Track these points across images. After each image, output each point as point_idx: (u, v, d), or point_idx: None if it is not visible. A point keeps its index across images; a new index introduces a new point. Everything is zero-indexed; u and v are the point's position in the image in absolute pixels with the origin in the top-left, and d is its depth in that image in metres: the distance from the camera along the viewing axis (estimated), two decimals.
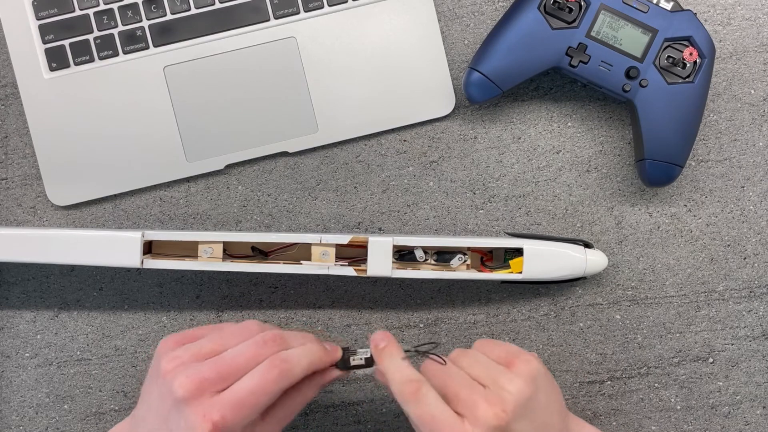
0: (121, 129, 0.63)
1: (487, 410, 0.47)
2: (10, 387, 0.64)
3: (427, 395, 0.47)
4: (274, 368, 0.47)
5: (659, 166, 0.60)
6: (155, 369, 0.50)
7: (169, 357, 0.49)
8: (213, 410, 0.46)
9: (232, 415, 0.46)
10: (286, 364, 0.48)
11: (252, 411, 0.47)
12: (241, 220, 0.64)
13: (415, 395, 0.47)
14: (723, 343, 0.63)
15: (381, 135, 0.64)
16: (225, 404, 0.46)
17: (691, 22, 0.59)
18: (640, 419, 0.63)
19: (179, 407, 0.47)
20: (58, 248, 0.58)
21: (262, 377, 0.47)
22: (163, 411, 0.48)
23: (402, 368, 0.49)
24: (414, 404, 0.47)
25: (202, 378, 0.47)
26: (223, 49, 0.63)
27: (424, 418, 0.47)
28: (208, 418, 0.46)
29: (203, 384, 0.47)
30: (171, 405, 0.47)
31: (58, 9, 0.63)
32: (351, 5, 0.63)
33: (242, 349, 0.49)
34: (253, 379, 0.47)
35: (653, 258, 0.63)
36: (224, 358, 0.48)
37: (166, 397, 0.47)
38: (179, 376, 0.47)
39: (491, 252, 0.60)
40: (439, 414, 0.47)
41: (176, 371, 0.48)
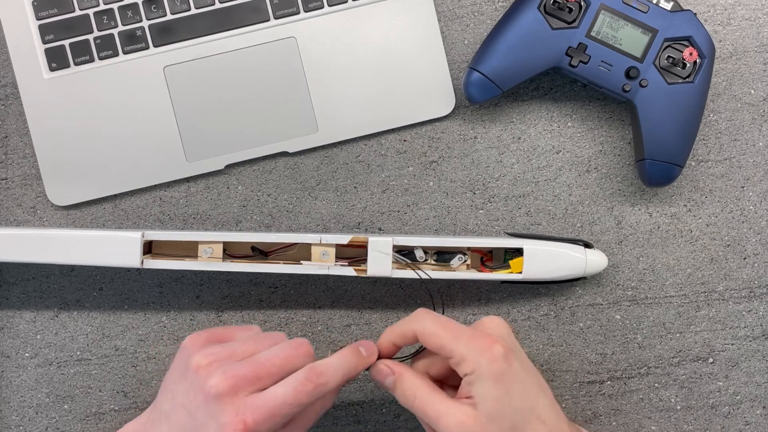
0: (121, 129, 0.63)
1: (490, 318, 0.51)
2: (10, 387, 0.64)
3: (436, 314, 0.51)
4: (309, 383, 0.47)
5: (659, 166, 0.60)
6: (183, 364, 0.50)
7: (204, 353, 0.49)
8: (246, 412, 0.46)
9: (264, 421, 0.46)
10: (322, 378, 0.48)
11: (282, 420, 0.47)
12: (241, 220, 0.64)
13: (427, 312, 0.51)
14: (723, 343, 0.63)
15: (381, 135, 0.64)
16: (258, 409, 0.46)
17: (691, 22, 0.59)
18: (640, 419, 0.63)
19: (210, 405, 0.47)
20: (58, 248, 0.58)
21: (296, 390, 0.47)
22: (192, 407, 0.48)
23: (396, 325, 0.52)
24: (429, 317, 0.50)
25: (238, 376, 0.47)
26: (223, 49, 0.63)
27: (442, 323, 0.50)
28: (240, 419, 0.46)
29: (239, 383, 0.47)
30: (202, 401, 0.47)
31: (58, 9, 0.63)
32: (351, 5, 0.63)
33: (277, 351, 0.49)
34: (288, 390, 0.47)
35: (653, 258, 0.63)
36: (260, 359, 0.48)
37: (198, 392, 0.48)
38: (215, 373, 0.47)
39: (491, 252, 0.60)
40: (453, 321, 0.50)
41: (211, 368, 0.48)
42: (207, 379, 0.47)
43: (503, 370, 0.47)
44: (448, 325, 0.49)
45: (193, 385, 0.48)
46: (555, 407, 0.50)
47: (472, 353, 0.47)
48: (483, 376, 0.47)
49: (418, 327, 0.49)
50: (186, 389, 0.49)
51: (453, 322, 0.49)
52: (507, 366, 0.47)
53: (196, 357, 0.49)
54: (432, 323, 0.49)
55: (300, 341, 0.50)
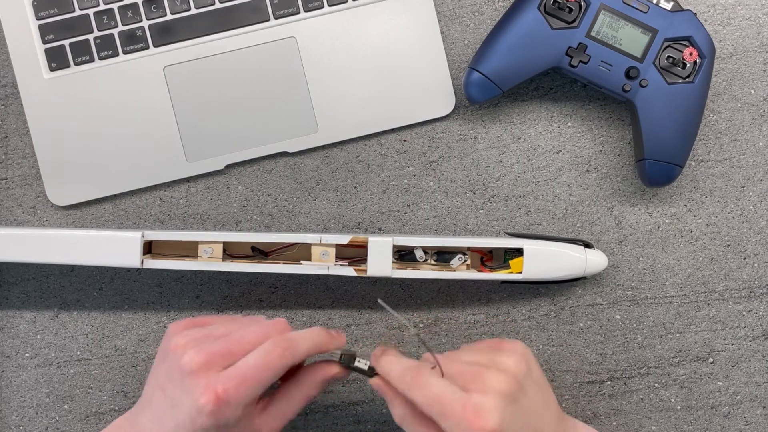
0: (121, 129, 0.63)
1: (496, 378, 0.48)
2: (10, 387, 0.64)
3: (430, 377, 0.48)
4: (277, 346, 0.49)
5: (659, 166, 0.60)
6: (164, 347, 0.51)
7: (181, 335, 0.50)
8: (217, 383, 0.47)
9: (235, 389, 0.47)
10: (289, 342, 0.49)
11: (255, 387, 0.48)
12: (241, 220, 0.64)
13: (418, 379, 0.48)
14: (723, 343, 0.63)
15: (381, 135, 0.64)
16: (229, 378, 0.47)
17: (691, 22, 0.59)
18: (640, 419, 0.63)
19: (185, 381, 0.48)
20: (58, 248, 0.58)
21: (266, 354, 0.48)
22: (168, 387, 0.49)
23: (401, 361, 0.50)
24: (418, 388, 0.48)
25: (210, 352, 0.48)
26: (223, 49, 0.63)
27: (430, 399, 0.47)
28: (212, 389, 0.47)
29: (212, 358, 0.48)
30: (177, 379, 0.48)
31: (58, 9, 0.63)
32: (351, 5, 0.63)
33: (252, 328, 0.50)
34: (258, 356, 0.48)
35: (653, 258, 0.63)
36: (233, 336, 0.50)
37: (174, 371, 0.48)
38: (189, 350, 0.48)
39: (491, 252, 0.60)
40: (444, 391, 0.47)
41: (187, 346, 0.49)
42: (182, 355, 0.48)
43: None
44: (437, 400, 0.47)
45: (171, 366, 0.49)
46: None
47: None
48: None
49: (407, 395, 0.49)
50: (165, 371, 0.50)
51: (444, 393, 0.47)
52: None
53: (174, 338, 0.50)
54: (421, 396, 0.48)
55: (277, 320, 0.51)
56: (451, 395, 0.47)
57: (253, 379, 0.48)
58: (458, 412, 0.46)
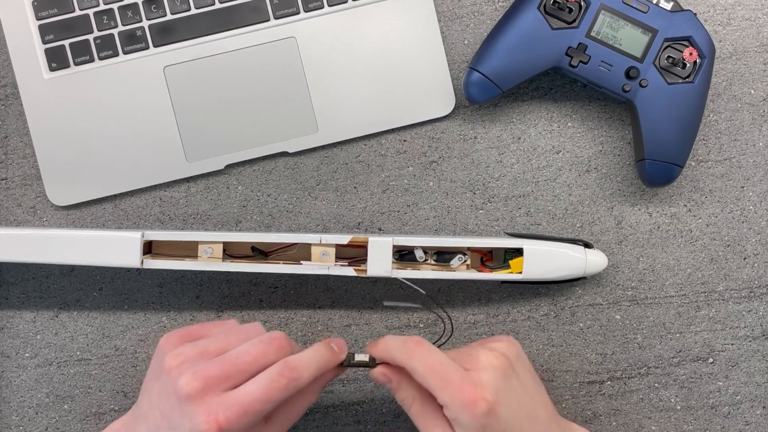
0: (121, 129, 0.63)
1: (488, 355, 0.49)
2: (10, 387, 0.64)
3: (432, 347, 0.49)
4: (282, 377, 0.47)
5: (659, 166, 0.60)
6: (158, 364, 0.50)
7: (174, 353, 0.49)
8: (219, 411, 0.46)
9: (237, 419, 0.46)
10: (295, 372, 0.48)
11: (256, 417, 0.47)
12: (241, 220, 0.64)
13: (420, 348, 0.49)
14: (723, 343, 0.63)
15: (381, 135, 0.64)
16: (231, 407, 0.46)
17: (691, 22, 0.59)
18: (640, 419, 0.63)
19: (183, 405, 0.47)
20: (58, 248, 0.58)
21: (269, 385, 0.47)
22: (165, 408, 0.48)
23: (401, 336, 0.51)
24: (419, 357, 0.49)
25: (207, 376, 0.47)
26: (223, 49, 0.63)
27: (432, 366, 0.48)
28: (213, 418, 0.46)
29: (209, 382, 0.46)
30: (174, 402, 0.47)
31: (58, 9, 0.63)
32: (351, 5, 0.63)
33: (248, 347, 0.49)
34: (260, 386, 0.47)
35: (653, 258, 0.63)
36: (230, 357, 0.48)
37: (170, 394, 0.47)
38: (185, 373, 0.47)
39: (491, 252, 0.60)
40: (445, 362, 0.48)
41: (181, 368, 0.47)
42: (177, 379, 0.47)
43: (484, 424, 0.47)
44: (436, 369, 0.48)
45: (165, 387, 0.48)
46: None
47: (455, 404, 0.47)
48: (464, 426, 0.48)
49: (407, 363, 0.49)
50: (160, 390, 0.49)
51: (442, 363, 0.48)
52: (491, 420, 0.47)
53: (167, 358, 0.48)
54: (420, 364, 0.48)
55: (273, 336, 0.50)
56: (451, 366, 0.48)
57: (255, 411, 0.47)
58: (457, 383, 0.47)
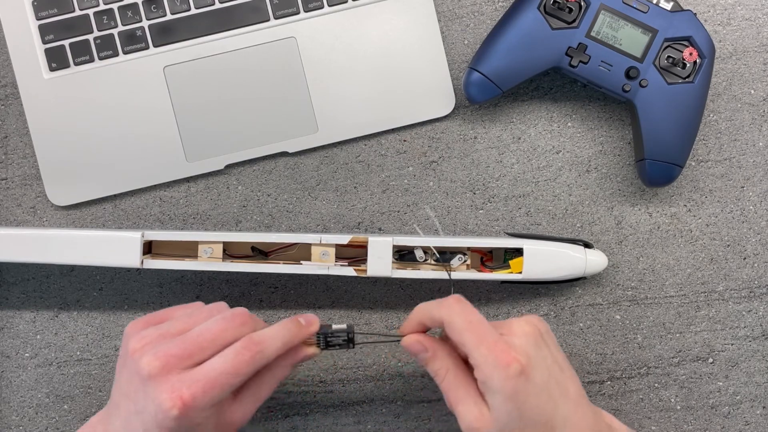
0: (121, 129, 0.63)
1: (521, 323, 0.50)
2: (10, 387, 0.64)
3: (470, 305, 0.50)
4: (246, 350, 0.47)
5: (659, 166, 0.60)
6: (123, 350, 0.50)
7: (137, 337, 0.48)
8: (182, 387, 0.46)
9: (203, 394, 0.46)
10: (259, 346, 0.48)
11: (222, 392, 0.47)
12: (241, 220, 0.64)
13: (460, 303, 0.50)
14: (723, 343, 0.63)
15: (381, 135, 0.64)
16: (195, 382, 0.46)
17: (691, 22, 0.59)
18: (640, 419, 0.63)
19: (146, 387, 0.46)
20: (58, 248, 0.58)
21: (234, 359, 0.47)
22: (131, 392, 0.48)
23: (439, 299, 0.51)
24: (460, 310, 0.49)
25: (168, 354, 0.46)
26: (223, 49, 0.63)
27: (471, 323, 0.48)
28: (177, 395, 0.45)
29: (170, 360, 0.46)
30: (138, 384, 0.47)
31: (58, 9, 0.63)
32: (351, 5, 0.63)
33: (209, 324, 0.49)
34: (226, 360, 0.47)
35: (653, 258, 0.63)
36: (191, 335, 0.48)
37: (134, 376, 0.47)
38: (146, 354, 0.47)
39: (491, 252, 0.60)
40: (484, 323, 0.49)
41: (143, 350, 0.47)
42: (139, 361, 0.47)
43: (517, 388, 0.47)
44: (473, 325, 0.48)
45: (130, 371, 0.48)
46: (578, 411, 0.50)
47: (488, 365, 0.47)
48: (495, 390, 0.47)
49: (446, 317, 0.49)
50: (127, 377, 0.48)
51: (481, 322, 0.48)
52: (522, 383, 0.47)
53: (131, 342, 0.48)
54: (459, 318, 0.49)
55: (236, 312, 0.50)
56: (488, 328, 0.48)
57: (221, 384, 0.46)
58: (491, 342, 0.47)
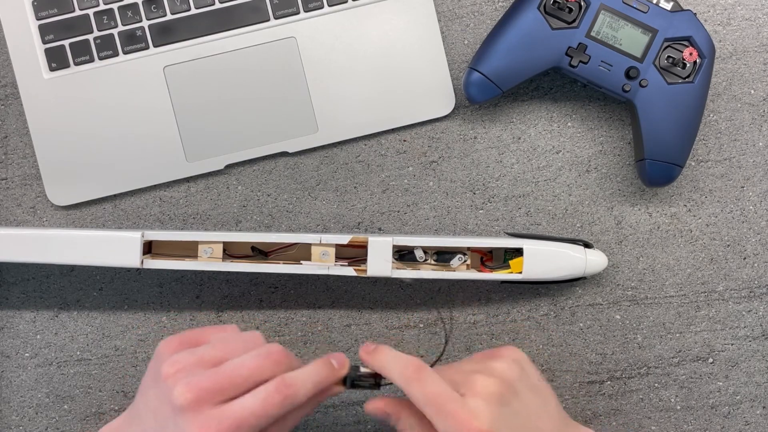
0: (121, 129, 0.63)
1: (485, 381, 0.49)
2: (10, 387, 0.64)
3: (430, 375, 0.49)
4: (278, 393, 0.47)
5: (659, 166, 0.60)
6: (155, 370, 0.49)
7: (171, 361, 0.48)
8: (212, 425, 0.45)
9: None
10: (291, 389, 0.47)
11: (251, 430, 0.46)
12: (241, 220, 0.64)
13: (419, 374, 0.49)
14: (723, 343, 0.63)
15: (381, 135, 0.64)
16: (225, 420, 0.46)
17: (691, 22, 0.59)
18: (640, 419, 0.63)
19: (176, 417, 0.46)
20: (58, 248, 0.58)
21: (265, 401, 0.46)
22: (160, 415, 0.48)
23: (400, 356, 0.50)
24: (418, 383, 0.48)
25: (201, 388, 0.46)
26: (223, 49, 0.63)
27: (429, 396, 0.48)
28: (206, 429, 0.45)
29: (202, 394, 0.46)
30: (169, 412, 0.47)
31: (58, 9, 0.63)
32: (351, 5, 0.63)
33: (245, 360, 0.48)
34: (256, 401, 0.46)
35: (653, 258, 0.63)
36: (225, 369, 0.47)
37: (165, 402, 0.47)
38: (179, 383, 0.46)
39: (491, 252, 0.60)
40: (443, 391, 0.48)
41: (176, 377, 0.47)
42: (172, 389, 0.46)
43: None
44: (432, 397, 0.48)
45: (160, 394, 0.48)
46: None
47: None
48: None
49: (405, 388, 0.49)
50: (156, 396, 0.48)
51: (439, 394, 0.48)
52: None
53: (164, 365, 0.48)
54: (417, 391, 0.48)
55: (272, 350, 0.49)
56: (448, 395, 0.48)
57: (249, 425, 0.46)
58: (452, 413, 0.47)
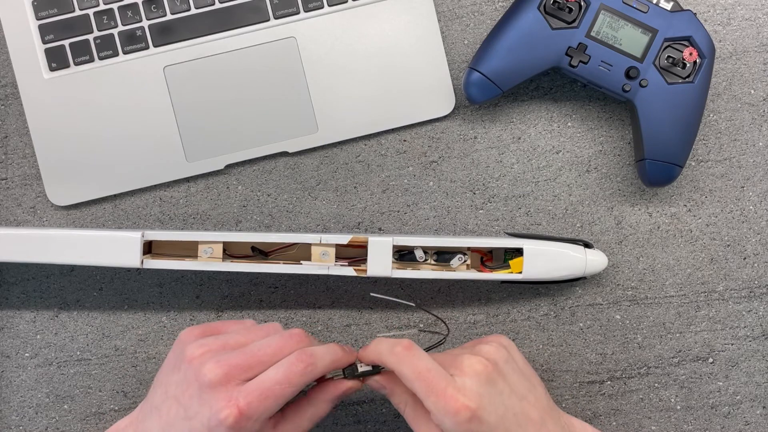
0: (121, 129, 0.63)
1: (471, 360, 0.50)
2: (10, 387, 0.64)
3: (420, 353, 0.50)
4: (300, 362, 0.48)
5: (659, 166, 0.60)
6: (177, 355, 0.50)
7: (197, 344, 0.50)
8: (240, 396, 0.47)
9: (258, 403, 0.47)
10: (312, 358, 0.49)
11: (276, 402, 0.48)
12: (241, 220, 0.64)
13: (409, 351, 0.49)
14: (723, 343, 0.63)
15: (381, 135, 0.64)
16: (251, 392, 0.47)
17: (691, 22, 0.59)
18: (640, 419, 0.63)
19: (203, 393, 0.47)
20: (58, 248, 0.58)
21: (288, 369, 0.48)
22: (184, 397, 0.48)
23: (391, 339, 0.51)
24: (407, 362, 0.49)
25: (230, 365, 0.48)
26: (223, 49, 0.63)
27: (418, 373, 0.48)
28: (234, 403, 0.46)
29: (232, 371, 0.48)
30: (195, 390, 0.48)
31: (58, 9, 0.63)
32: (351, 5, 0.63)
33: (269, 340, 0.50)
34: (280, 370, 0.48)
35: (653, 258, 0.63)
36: (252, 348, 0.49)
37: (191, 382, 0.48)
38: (208, 361, 0.48)
39: (491, 252, 0.60)
40: (432, 368, 0.49)
41: (204, 357, 0.48)
42: (200, 368, 0.48)
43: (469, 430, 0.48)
44: (422, 375, 0.48)
45: (186, 376, 0.49)
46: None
47: (438, 412, 0.48)
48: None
49: (395, 367, 0.50)
50: (179, 381, 0.49)
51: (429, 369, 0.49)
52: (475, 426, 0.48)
53: (189, 348, 0.49)
54: (408, 369, 0.49)
55: (294, 332, 0.51)
56: (437, 372, 0.48)
57: (275, 394, 0.47)
58: (441, 390, 0.48)
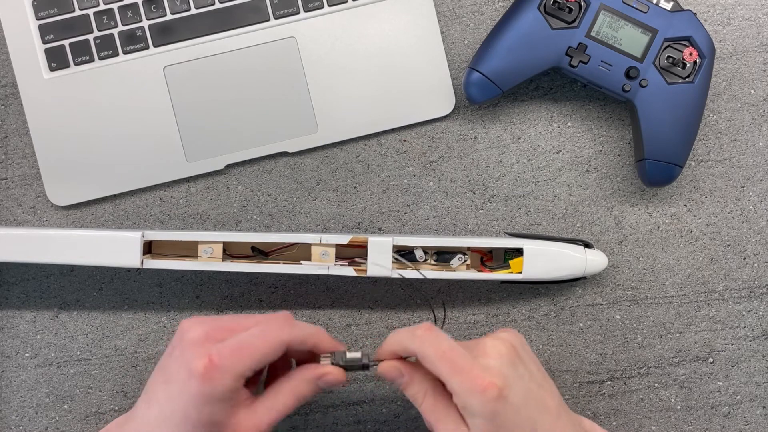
0: (121, 129, 0.63)
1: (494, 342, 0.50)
2: (10, 387, 0.64)
3: (441, 333, 0.49)
4: (277, 319, 0.50)
5: (659, 166, 0.60)
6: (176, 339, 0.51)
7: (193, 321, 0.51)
8: (213, 350, 0.48)
9: (230, 355, 0.47)
10: (290, 320, 0.50)
11: (251, 359, 0.48)
12: (241, 220, 0.64)
13: (431, 332, 0.49)
14: (723, 343, 0.63)
15: (381, 135, 0.64)
16: (225, 346, 0.48)
17: (691, 22, 0.59)
18: (640, 419, 0.63)
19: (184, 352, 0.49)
20: (58, 248, 0.58)
21: (264, 326, 0.49)
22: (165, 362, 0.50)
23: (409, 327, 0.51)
24: (431, 343, 0.48)
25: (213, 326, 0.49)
26: (223, 49, 0.63)
27: (444, 352, 0.48)
28: (206, 353, 0.47)
29: (212, 332, 0.49)
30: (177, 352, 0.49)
31: (58, 9, 0.63)
32: (351, 5, 0.63)
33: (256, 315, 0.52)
34: (257, 328, 0.49)
35: (653, 258, 0.63)
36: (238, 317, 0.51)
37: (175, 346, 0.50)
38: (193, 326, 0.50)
39: (491, 252, 0.60)
40: (456, 348, 0.48)
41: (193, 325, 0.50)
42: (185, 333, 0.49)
43: (496, 410, 0.47)
44: (446, 354, 0.48)
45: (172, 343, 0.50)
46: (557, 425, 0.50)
47: (465, 392, 0.47)
48: (475, 414, 0.47)
49: (418, 349, 0.49)
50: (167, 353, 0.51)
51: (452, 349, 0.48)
52: (501, 405, 0.47)
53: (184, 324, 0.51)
54: (431, 349, 0.48)
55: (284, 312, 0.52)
56: (461, 353, 0.48)
57: (249, 349, 0.48)
58: (467, 369, 0.47)
